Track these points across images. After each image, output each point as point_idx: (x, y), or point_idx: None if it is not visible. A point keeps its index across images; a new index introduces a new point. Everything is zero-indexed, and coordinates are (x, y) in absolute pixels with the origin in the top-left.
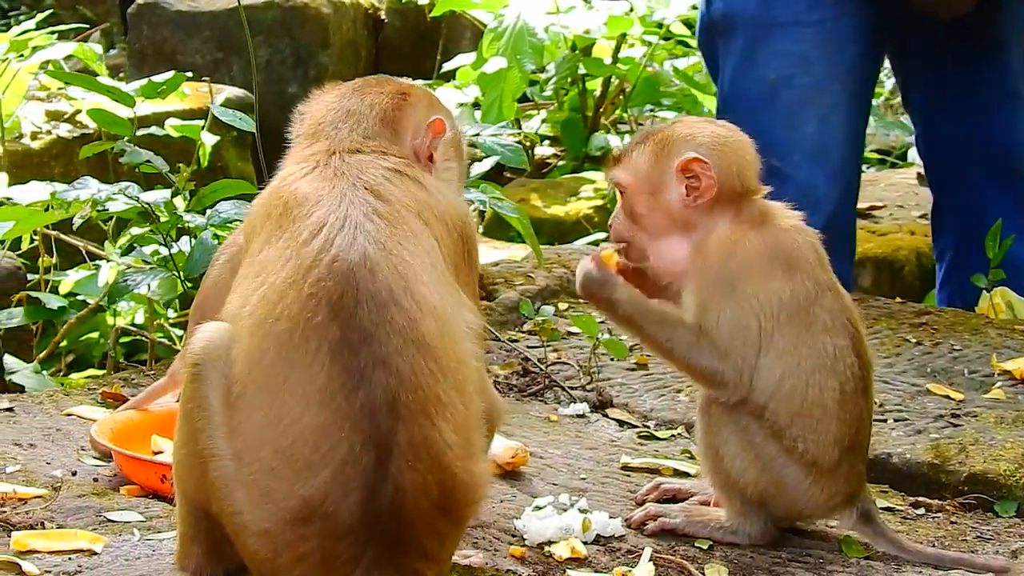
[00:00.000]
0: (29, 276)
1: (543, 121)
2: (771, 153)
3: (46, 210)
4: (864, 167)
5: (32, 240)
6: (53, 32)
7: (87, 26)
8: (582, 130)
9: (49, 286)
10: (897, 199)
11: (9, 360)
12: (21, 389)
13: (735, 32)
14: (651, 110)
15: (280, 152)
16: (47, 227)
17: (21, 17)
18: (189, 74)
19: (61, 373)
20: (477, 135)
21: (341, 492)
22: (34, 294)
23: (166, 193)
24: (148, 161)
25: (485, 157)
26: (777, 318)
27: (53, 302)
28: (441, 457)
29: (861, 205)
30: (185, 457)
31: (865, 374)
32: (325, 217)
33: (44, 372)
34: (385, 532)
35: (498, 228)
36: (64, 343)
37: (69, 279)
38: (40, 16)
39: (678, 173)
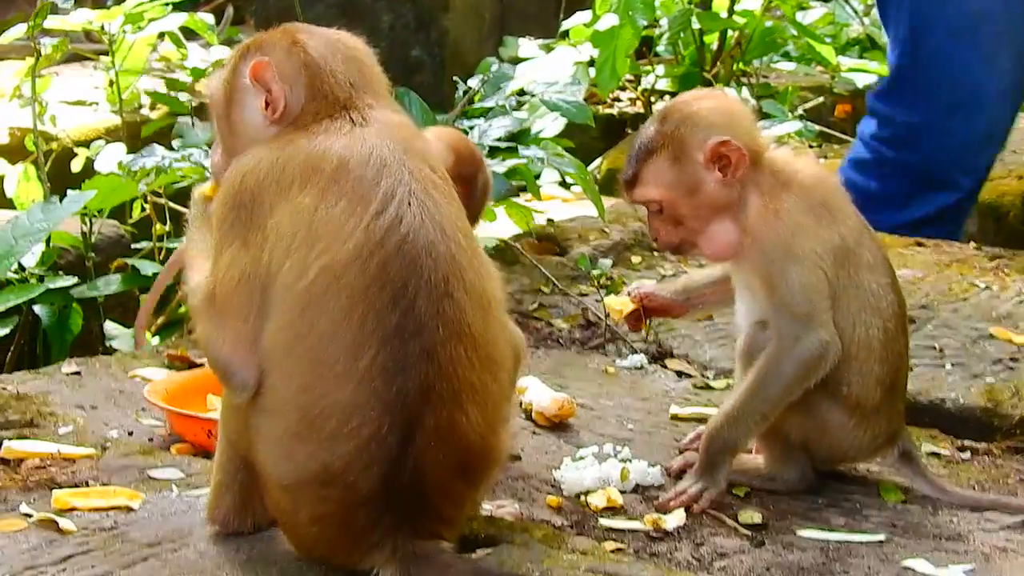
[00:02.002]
0: (144, 244)
1: (660, 76)
2: (964, 85)
3: (136, 179)
4: None
5: (143, 208)
6: (168, 3)
7: None
8: (700, 84)
9: (162, 254)
10: (1012, 144)
11: (109, 326)
12: None
13: None
14: (771, 61)
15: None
16: (157, 194)
17: None
18: None
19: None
20: (542, 93)
21: (362, 465)
22: (132, 261)
23: None
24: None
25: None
26: (834, 265)
27: (149, 269)
28: (463, 437)
29: None
30: (232, 403)
31: (903, 311)
32: (393, 188)
33: (155, 339)
34: (404, 501)
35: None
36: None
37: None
38: None
39: (708, 163)
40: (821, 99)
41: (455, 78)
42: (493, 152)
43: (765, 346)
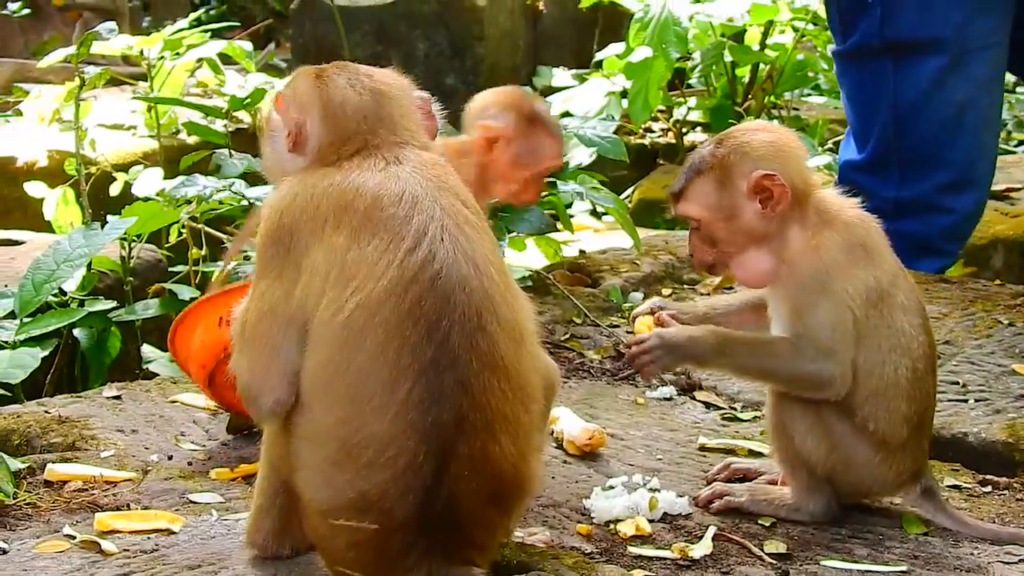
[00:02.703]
0: (180, 268)
1: (692, 108)
2: (957, 165)
3: (178, 207)
4: (1013, 147)
5: (180, 233)
6: (206, 31)
7: (238, 24)
8: (732, 116)
9: (199, 278)
10: None
11: (147, 350)
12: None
13: (923, 56)
14: (801, 94)
15: None
16: (194, 219)
17: (212, 11)
18: None
19: None
20: (579, 128)
21: (398, 493)
22: (168, 285)
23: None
24: (246, 170)
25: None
26: (865, 305)
27: (186, 293)
28: (495, 466)
29: (997, 187)
30: (275, 430)
31: (932, 352)
32: (426, 224)
33: None
34: (438, 528)
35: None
36: None
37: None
38: (192, 16)
39: (750, 194)
40: None
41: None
42: None
43: None
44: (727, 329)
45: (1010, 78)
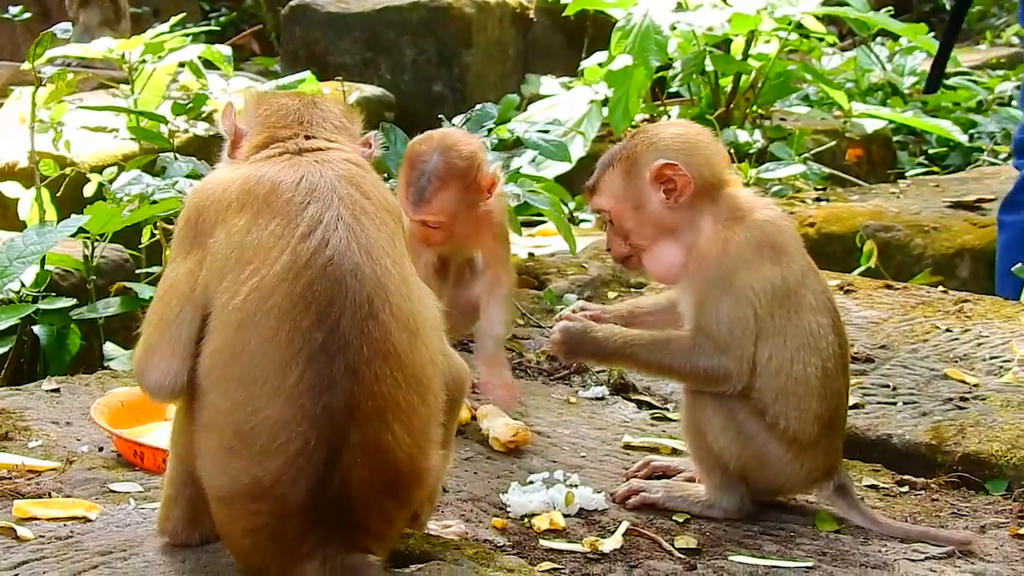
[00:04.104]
0: (154, 269)
1: (676, 117)
2: None
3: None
4: (999, 160)
5: (153, 234)
6: (187, 35)
7: (218, 29)
8: (714, 125)
9: None
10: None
11: (109, 347)
12: None
13: None
14: (788, 104)
15: None
16: (170, 221)
17: (222, 19)
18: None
19: None
20: (524, 132)
21: (290, 479)
22: (130, 284)
23: None
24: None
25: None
26: (770, 303)
27: (146, 292)
28: (390, 455)
29: (968, 198)
30: (180, 420)
31: (844, 352)
32: (321, 213)
33: None
34: (332, 515)
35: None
36: None
37: None
38: (176, 19)
39: (653, 183)
40: (834, 143)
41: (440, 116)
42: None
43: None
44: (628, 328)
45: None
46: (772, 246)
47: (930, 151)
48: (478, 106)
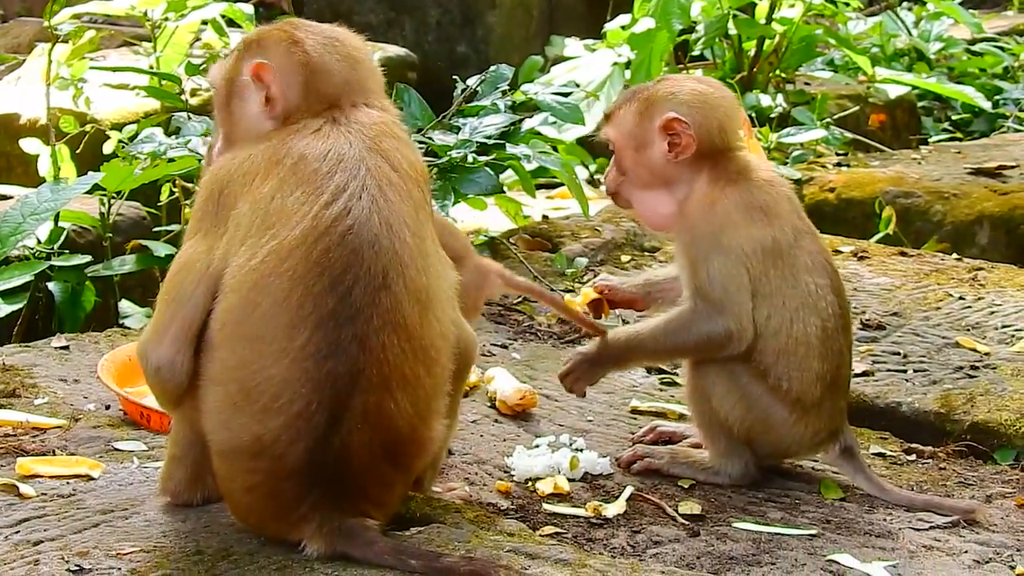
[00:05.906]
0: (173, 227)
1: None
2: None
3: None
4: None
5: (172, 192)
6: None
7: None
8: (736, 89)
9: None
10: None
11: (125, 305)
12: None
13: None
14: (812, 68)
15: (445, 107)
16: (188, 179)
17: None
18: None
19: None
20: (537, 94)
21: (289, 439)
22: (147, 242)
23: None
24: (205, 132)
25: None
26: (763, 263)
27: (161, 250)
28: (391, 423)
29: (990, 164)
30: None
31: (844, 312)
32: (346, 182)
33: None
34: (331, 479)
35: None
36: None
37: None
38: None
39: (660, 131)
40: (857, 108)
41: (454, 77)
42: (483, 148)
43: None
44: (629, 326)
45: None
46: (762, 208)
47: (955, 117)
48: (492, 67)
